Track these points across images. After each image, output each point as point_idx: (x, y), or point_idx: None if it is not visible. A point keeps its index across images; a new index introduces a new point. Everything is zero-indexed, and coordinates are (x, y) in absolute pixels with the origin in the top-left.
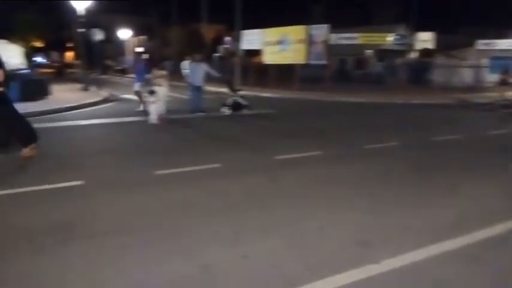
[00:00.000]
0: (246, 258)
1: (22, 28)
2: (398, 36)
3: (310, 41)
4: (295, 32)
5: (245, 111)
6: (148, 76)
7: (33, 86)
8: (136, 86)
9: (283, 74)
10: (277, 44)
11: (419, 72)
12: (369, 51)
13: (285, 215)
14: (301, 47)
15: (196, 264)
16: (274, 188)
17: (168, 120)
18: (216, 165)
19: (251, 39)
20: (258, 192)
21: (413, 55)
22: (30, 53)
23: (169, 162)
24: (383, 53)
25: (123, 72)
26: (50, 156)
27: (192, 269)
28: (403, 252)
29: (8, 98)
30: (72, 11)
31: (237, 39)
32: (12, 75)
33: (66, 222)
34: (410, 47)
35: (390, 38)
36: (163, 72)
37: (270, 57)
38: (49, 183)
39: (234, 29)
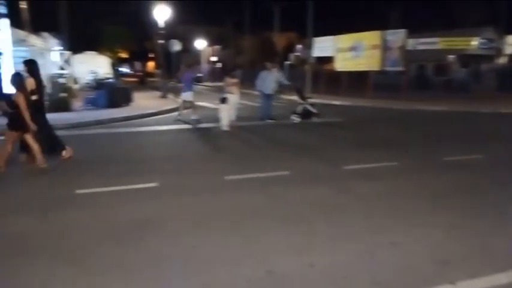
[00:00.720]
0: (313, 267)
1: (109, 40)
2: (484, 40)
3: (385, 47)
4: (369, 38)
5: (315, 120)
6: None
7: (118, 93)
8: (184, 96)
9: (356, 81)
10: (350, 51)
11: (509, 78)
12: (451, 57)
13: (356, 227)
14: (376, 53)
15: (262, 269)
16: (345, 198)
17: (239, 127)
18: (284, 173)
19: (323, 46)
20: (328, 202)
21: (502, 60)
22: (116, 63)
23: (238, 168)
24: (467, 58)
25: (199, 80)
26: (130, 158)
27: (258, 274)
28: (483, 274)
29: (44, 107)
30: (154, 23)
31: (308, 47)
32: (99, 84)
33: (141, 221)
34: (498, 52)
35: (475, 42)
36: (235, 80)
37: (342, 64)
38: (128, 184)
39: (305, 36)
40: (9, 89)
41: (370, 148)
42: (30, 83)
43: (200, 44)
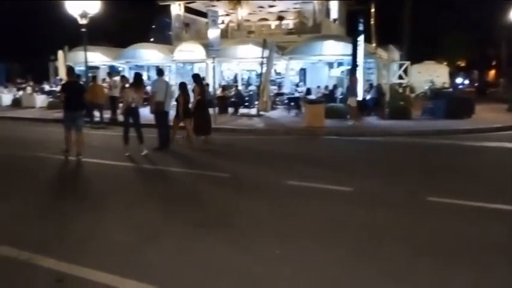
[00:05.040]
0: None
1: (449, 49)
2: None
3: None
4: None
5: None
6: None
7: (458, 104)
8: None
9: None
10: None
11: None
12: None
13: None
14: None
15: None
16: None
17: None
18: None
19: None
20: None
21: None
22: (454, 72)
23: None
24: None
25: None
26: (478, 175)
27: None
28: None
29: (206, 104)
30: (502, 27)
31: None
32: (436, 94)
33: None
34: None
35: None
36: None
37: None
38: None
39: None
40: (360, 96)
41: None
42: (196, 89)
43: None
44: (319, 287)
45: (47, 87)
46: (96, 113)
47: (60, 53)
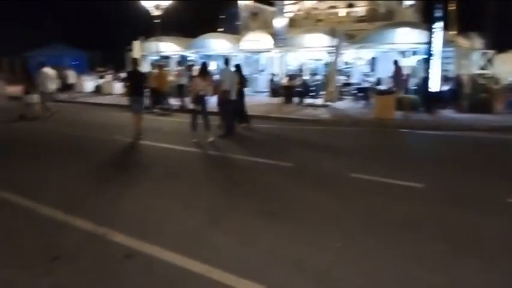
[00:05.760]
0: None
1: None
2: None
3: None
4: None
5: None
6: None
7: None
8: None
9: None
10: None
11: None
12: None
13: None
14: None
15: None
16: None
17: None
18: None
19: None
20: None
21: None
22: None
23: None
24: None
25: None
26: None
27: None
28: None
29: (244, 93)
30: None
31: None
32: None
33: None
34: None
35: None
36: None
37: None
38: None
39: None
40: (436, 87)
41: None
42: (236, 78)
43: None
44: (373, 285)
45: (123, 76)
46: (165, 101)
47: (135, 43)
